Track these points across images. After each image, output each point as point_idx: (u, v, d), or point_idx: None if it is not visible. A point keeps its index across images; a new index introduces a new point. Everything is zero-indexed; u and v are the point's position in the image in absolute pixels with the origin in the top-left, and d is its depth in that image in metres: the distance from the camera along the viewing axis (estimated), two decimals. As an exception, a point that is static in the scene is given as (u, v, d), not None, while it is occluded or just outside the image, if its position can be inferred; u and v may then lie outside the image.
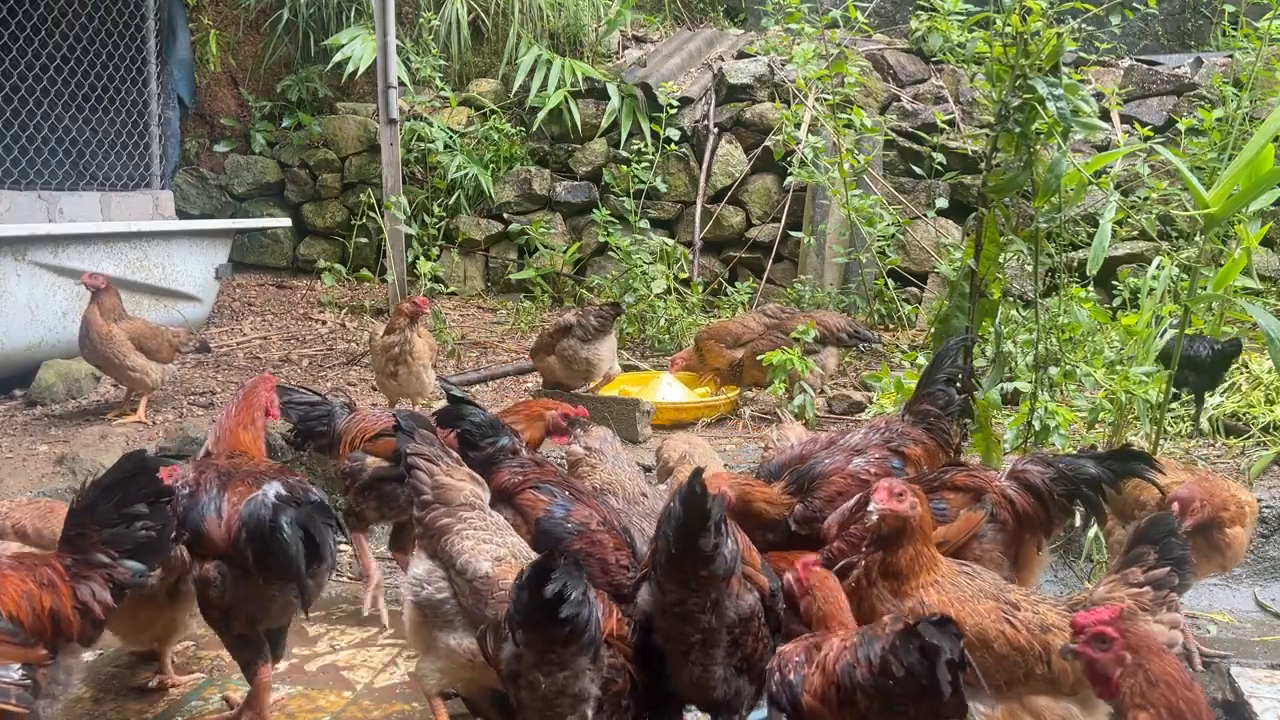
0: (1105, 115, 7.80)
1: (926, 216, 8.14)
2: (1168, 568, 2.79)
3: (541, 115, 9.30)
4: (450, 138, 9.39)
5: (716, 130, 9.16)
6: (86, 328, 5.80)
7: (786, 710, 2.57)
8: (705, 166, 9.05)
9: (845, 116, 7.18)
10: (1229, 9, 8.92)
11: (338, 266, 8.93)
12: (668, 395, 6.17)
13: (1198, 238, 5.15)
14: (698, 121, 9.24)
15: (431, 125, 9.32)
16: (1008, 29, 4.34)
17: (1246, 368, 5.90)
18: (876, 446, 3.76)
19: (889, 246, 7.54)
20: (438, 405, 4.70)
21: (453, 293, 9.20)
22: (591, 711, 2.66)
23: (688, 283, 8.33)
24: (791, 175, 7.79)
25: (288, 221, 9.27)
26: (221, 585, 3.29)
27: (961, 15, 5.25)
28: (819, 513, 3.44)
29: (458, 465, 3.35)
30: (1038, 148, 4.41)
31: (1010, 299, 5.66)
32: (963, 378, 4.07)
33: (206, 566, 3.32)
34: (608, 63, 9.85)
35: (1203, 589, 4.48)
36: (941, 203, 8.07)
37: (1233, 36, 7.66)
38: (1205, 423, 5.55)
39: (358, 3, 9.83)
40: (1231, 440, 5.42)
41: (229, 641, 3.43)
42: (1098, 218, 6.80)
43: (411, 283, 8.46)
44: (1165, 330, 5.39)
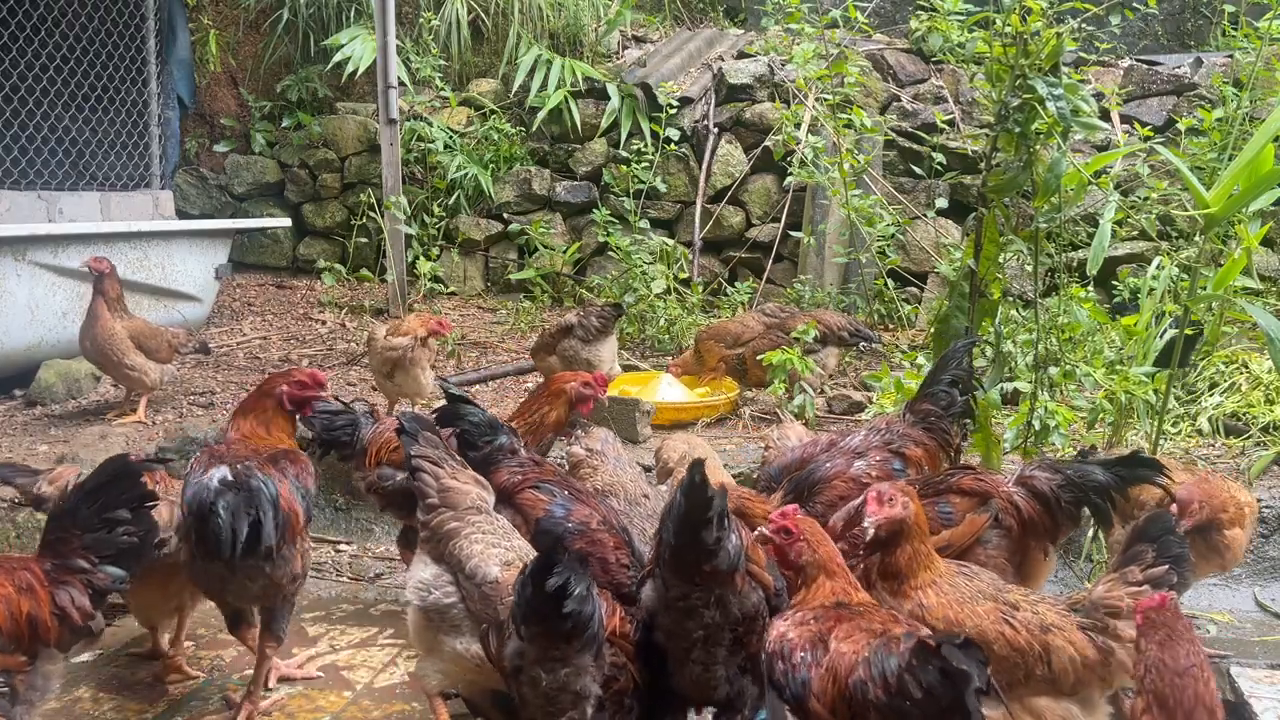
0: (1105, 115, 7.79)
1: (926, 216, 8.14)
2: (1166, 566, 2.78)
3: (541, 115, 9.30)
4: (450, 138, 9.39)
5: (716, 130, 9.16)
6: (91, 321, 5.79)
7: (790, 703, 2.56)
8: (705, 166, 9.05)
9: (845, 116, 7.17)
10: (1229, 9, 8.91)
11: (338, 266, 8.94)
12: (668, 395, 6.18)
13: (1198, 238, 5.14)
14: (698, 121, 9.23)
15: (431, 125, 9.32)
16: (1008, 29, 4.34)
17: (1246, 368, 5.90)
18: (877, 449, 3.76)
19: (889, 246, 7.54)
20: (437, 405, 4.69)
21: (453, 293, 9.19)
22: (591, 709, 2.66)
23: (688, 283, 8.33)
24: (791, 175, 7.79)
25: (288, 221, 9.27)
26: (187, 563, 3.46)
27: (961, 15, 5.24)
28: (821, 518, 3.40)
29: (463, 468, 3.34)
30: (1038, 148, 4.40)
31: (1010, 299, 5.65)
32: (967, 380, 4.06)
33: (181, 544, 3.49)
34: (608, 63, 9.85)
35: (1203, 589, 4.48)
36: (941, 203, 8.06)
37: (1233, 36, 7.65)
38: (1205, 423, 5.55)
39: (358, 3, 9.82)
40: (1231, 440, 5.42)
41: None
42: (1098, 218, 6.82)
43: (411, 283, 8.47)
44: (1165, 330, 5.39)
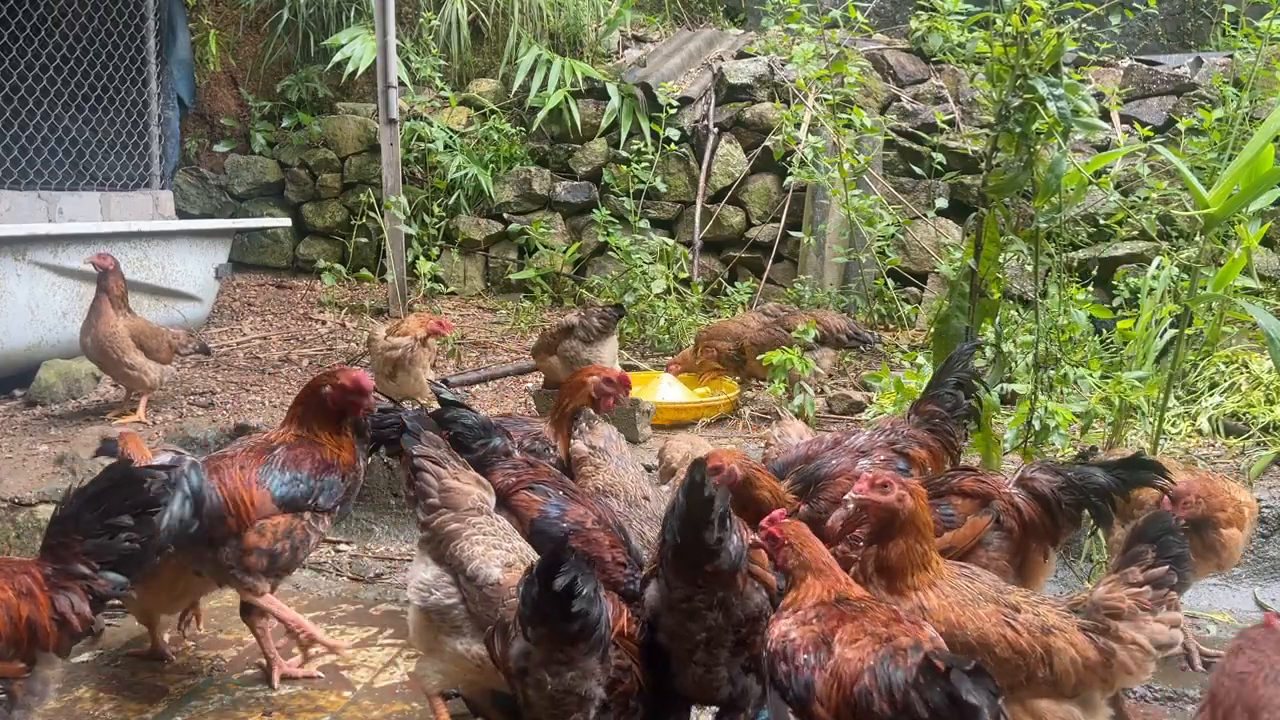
0: (1105, 115, 7.79)
1: (926, 216, 8.14)
2: (1166, 566, 2.76)
3: (541, 115, 9.30)
4: (450, 138, 9.38)
5: (716, 130, 9.16)
6: (94, 318, 5.79)
7: (793, 705, 2.55)
8: (705, 166, 9.05)
9: (845, 116, 7.17)
10: (1229, 9, 8.90)
11: (338, 266, 8.94)
12: (668, 395, 6.18)
13: (1198, 238, 5.14)
14: (698, 121, 9.23)
15: (431, 125, 9.32)
16: (1008, 29, 4.33)
17: (1246, 367, 5.90)
18: (882, 448, 3.75)
19: (889, 246, 7.53)
20: (435, 406, 4.67)
21: (453, 293, 9.19)
22: (596, 711, 2.65)
23: (688, 283, 8.33)
24: (791, 175, 7.78)
25: (288, 221, 9.27)
26: None
27: (961, 15, 5.23)
28: (825, 514, 3.40)
29: (465, 469, 3.34)
30: (1038, 148, 4.39)
31: (1010, 299, 5.65)
32: (972, 382, 4.05)
33: None
34: (608, 63, 9.85)
35: (1203, 589, 4.48)
36: (941, 203, 8.06)
37: (1233, 36, 7.64)
38: (1205, 423, 5.55)
39: (358, 3, 9.82)
40: (1231, 440, 5.42)
41: None
42: (1098, 218, 6.84)
43: (411, 283, 8.47)
44: (1165, 330, 5.39)
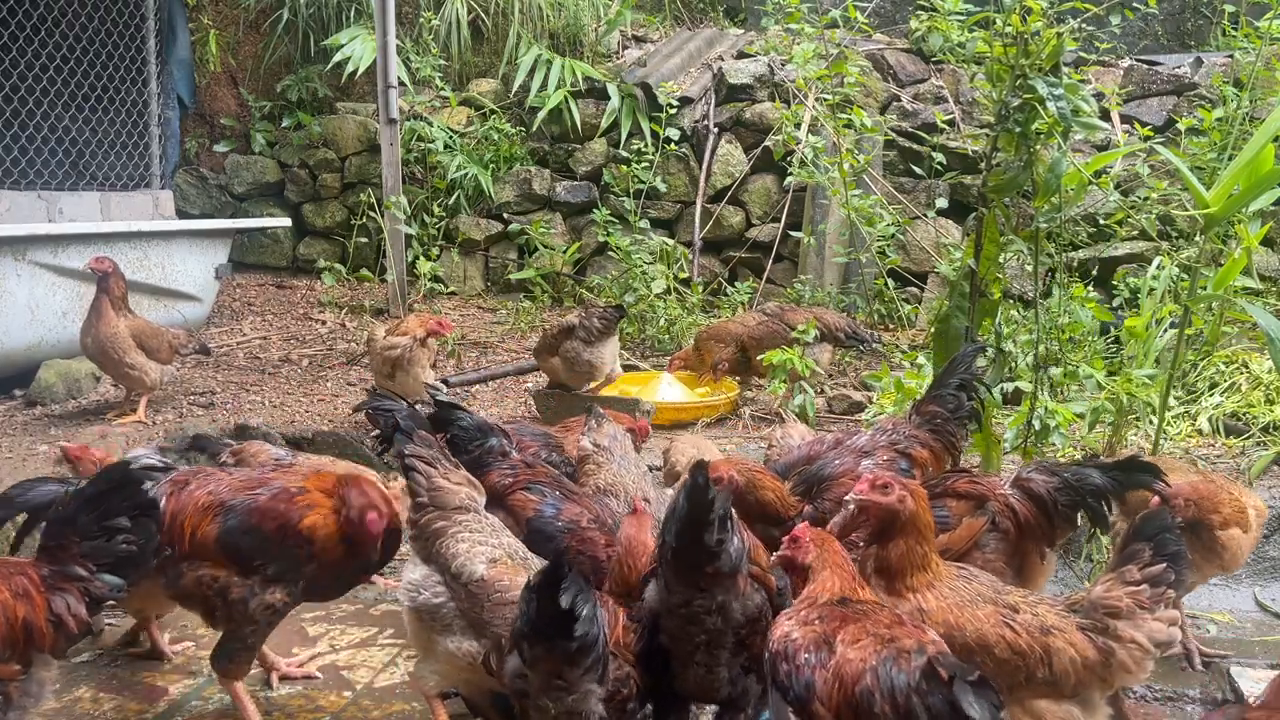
0: (1105, 115, 7.79)
1: (926, 216, 8.14)
2: (1163, 564, 2.76)
3: (541, 115, 9.30)
4: (450, 138, 9.38)
5: (716, 130, 9.16)
6: (95, 318, 5.79)
7: (793, 704, 2.55)
8: (705, 166, 9.05)
9: (845, 116, 7.17)
10: (1229, 9, 8.90)
11: (338, 266, 8.94)
12: (668, 395, 6.19)
13: (1198, 238, 5.14)
14: (698, 121, 9.23)
15: (431, 125, 9.32)
16: (1008, 29, 4.33)
17: (1246, 367, 5.90)
18: (884, 449, 3.75)
19: (889, 246, 7.54)
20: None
21: (453, 293, 9.19)
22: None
23: (688, 283, 8.33)
24: (791, 175, 7.79)
25: (288, 221, 9.27)
26: None
27: (961, 15, 5.23)
28: (828, 514, 3.38)
29: (455, 468, 3.34)
30: (1038, 148, 4.39)
31: (1010, 299, 5.65)
32: (975, 384, 4.05)
33: None
34: (608, 63, 9.85)
35: (1203, 589, 4.46)
36: (941, 203, 8.06)
37: (1233, 36, 7.64)
38: (1205, 423, 5.55)
39: (358, 3, 9.82)
40: (1231, 440, 5.42)
41: None
42: (1098, 218, 6.84)
43: (411, 283, 8.47)
44: (1165, 330, 5.39)
